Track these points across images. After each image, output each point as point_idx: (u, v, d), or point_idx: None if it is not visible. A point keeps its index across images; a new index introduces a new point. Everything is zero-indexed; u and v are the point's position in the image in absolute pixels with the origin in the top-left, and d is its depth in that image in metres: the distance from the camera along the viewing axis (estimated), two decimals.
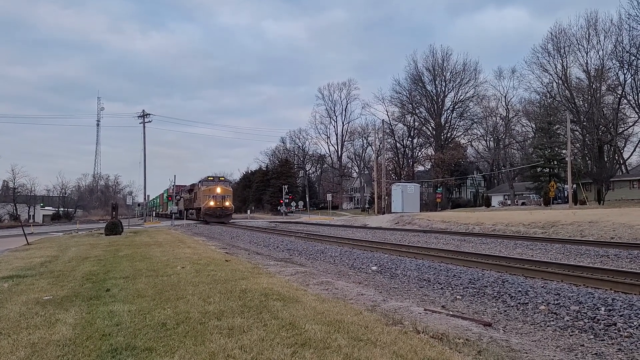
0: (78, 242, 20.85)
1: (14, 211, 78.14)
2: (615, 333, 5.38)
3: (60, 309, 6.28)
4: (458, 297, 7.78)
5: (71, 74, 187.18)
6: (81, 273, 9.81)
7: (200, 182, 46.93)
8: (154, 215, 76.32)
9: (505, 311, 6.72)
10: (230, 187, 47.66)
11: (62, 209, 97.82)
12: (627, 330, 5.41)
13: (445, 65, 76.16)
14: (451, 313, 6.28)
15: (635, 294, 7.00)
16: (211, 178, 46.34)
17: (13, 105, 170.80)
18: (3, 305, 6.70)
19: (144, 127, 56.24)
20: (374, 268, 11.15)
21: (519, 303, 6.98)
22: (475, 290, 8.06)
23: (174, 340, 4.64)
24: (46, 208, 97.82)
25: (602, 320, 5.79)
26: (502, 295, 7.50)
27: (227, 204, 43.91)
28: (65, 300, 6.90)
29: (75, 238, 24.73)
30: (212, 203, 42.95)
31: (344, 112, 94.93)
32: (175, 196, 62.78)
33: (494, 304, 7.13)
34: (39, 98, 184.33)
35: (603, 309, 6.18)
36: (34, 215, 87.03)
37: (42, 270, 10.64)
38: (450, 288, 8.43)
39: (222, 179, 47.60)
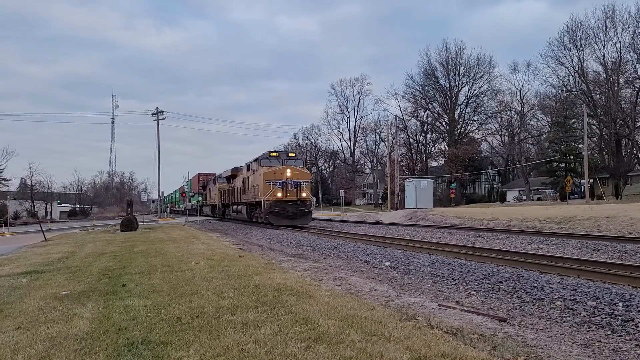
0: (94, 238, 21.12)
1: (32, 208, 79.41)
2: (633, 329, 5.31)
3: (78, 303, 6.37)
4: (472, 292, 7.74)
5: (85, 71, 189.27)
6: (97, 269, 9.94)
7: (255, 161, 28.62)
8: (168, 211, 76.92)
9: (521, 307, 6.66)
10: (306, 168, 30.14)
11: (78, 206, 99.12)
12: None
13: (458, 59, 75.50)
14: (465, 308, 6.24)
15: None
16: (274, 154, 28.71)
17: (29, 102, 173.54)
18: (22, 300, 6.82)
19: (158, 124, 56.62)
20: (388, 264, 11.13)
21: (534, 299, 6.92)
22: (490, 285, 8.00)
23: (188, 335, 4.69)
24: (63, 205, 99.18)
25: (620, 316, 5.72)
26: (518, 290, 7.44)
27: (304, 195, 26.09)
28: (82, 295, 7.00)
29: (92, 234, 25.04)
30: (279, 194, 25.58)
31: (356, 107, 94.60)
32: (200, 188, 52.53)
33: (509, 300, 7.08)
34: (54, 95, 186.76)
35: (621, 304, 6.09)
36: (51, 212, 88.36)
37: (60, 265, 10.80)
38: (464, 284, 8.38)
39: (293, 155, 29.59)
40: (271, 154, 27.90)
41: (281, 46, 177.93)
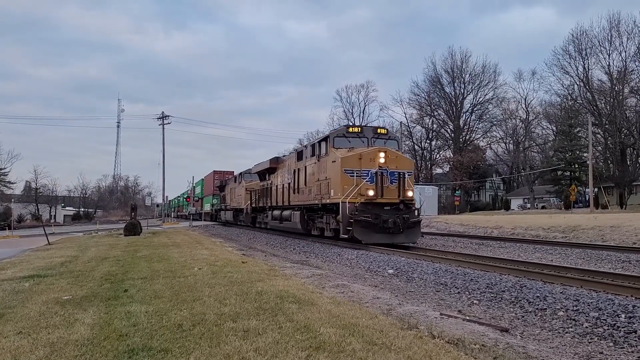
0: (97, 242, 21.17)
1: (36, 211, 79.74)
2: (635, 341, 5.27)
3: (79, 309, 6.39)
4: (475, 301, 7.70)
5: (94, 74, 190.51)
6: (100, 273, 9.96)
7: (324, 141, 18.46)
8: (172, 216, 77.05)
9: (523, 317, 6.63)
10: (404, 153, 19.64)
11: (82, 209, 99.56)
12: None
13: (464, 67, 75.50)
14: (468, 318, 6.22)
15: None
16: (355, 129, 18.29)
17: (36, 105, 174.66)
18: (24, 304, 6.84)
19: (163, 128, 56.89)
20: (391, 271, 11.10)
21: (537, 309, 6.88)
22: (492, 295, 7.97)
23: (189, 342, 4.69)
24: (67, 208, 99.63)
25: (622, 327, 5.68)
26: (520, 300, 7.40)
27: (409, 194, 16.61)
28: (84, 300, 7.01)
29: (95, 238, 25.11)
30: (370, 192, 16.04)
31: (361, 114, 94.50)
32: (216, 189, 44.47)
33: (512, 309, 7.04)
34: (61, 98, 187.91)
35: (623, 315, 6.06)
36: (55, 215, 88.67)
37: (62, 270, 10.83)
38: (467, 292, 8.35)
39: (384, 132, 18.55)
40: (350, 130, 17.58)
41: (289, 51, 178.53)
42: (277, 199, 24.34)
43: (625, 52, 53.64)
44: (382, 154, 16.16)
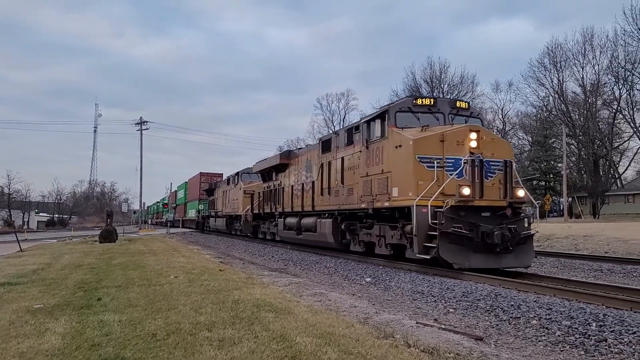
0: (72, 249, 20.76)
1: (8, 217, 77.85)
2: (605, 349, 5.38)
3: (51, 317, 6.26)
4: (451, 310, 7.77)
5: (71, 78, 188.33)
6: (73, 281, 9.78)
7: (378, 117, 12.90)
8: (149, 222, 76.05)
9: (497, 325, 6.71)
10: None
11: (57, 216, 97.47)
12: (617, 346, 5.41)
13: (442, 77, 76.53)
14: (443, 326, 6.27)
15: (626, 310, 7.00)
16: (425, 101, 12.55)
17: (11, 108, 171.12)
18: None
19: (141, 134, 56.16)
20: (368, 279, 11.13)
21: (511, 317, 6.98)
22: (468, 303, 8.05)
23: (163, 352, 4.63)
24: (41, 214, 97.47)
25: (593, 336, 5.79)
26: (495, 309, 7.49)
27: (520, 193, 11.31)
28: (56, 308, 6.87)
29: (69, 245, 24.62)
30: (465, 190, 10.55)
31: (342, 122, 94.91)
32: (203, 193, 40.16)
33: (487, 318, 7.12)
34: (37, 102, 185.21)
35: (594, 324, 6.18)
36: (28, 222, 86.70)
37: (34, 277, 10.59)
38: (443, 301, 8.42)
39: (464, 106, 12.86)
40: (418, 102, 12.54)
41: (271, 58, 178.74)
42: (293, 202, 19.59)
43: (598, 65, 54.99)
44: (473, 135, 11.17)
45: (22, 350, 4.76)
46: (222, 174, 40.67)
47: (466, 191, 10.62)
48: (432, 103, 12.61)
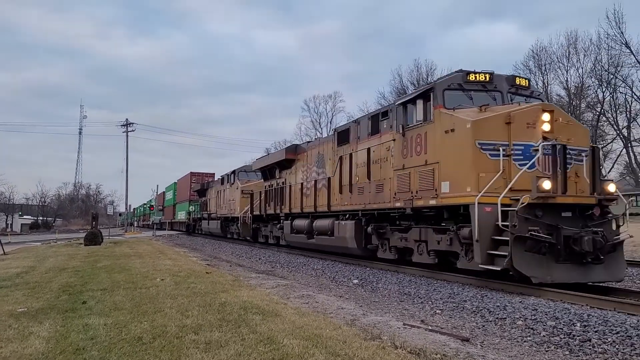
0: (56, 252, 20.51)
1: None
2: (589, 349, 5.45)
3: (35, 321, 6.18)
4: (438, 311, 7.81)
5: (55, 79, 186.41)
6: (58, 284, 9.66)
7: (421, 97, 10.87)
8: (135, 225, 75.40)
9: (484, 326, 6.76)
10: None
11: (41, 218, 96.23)
12: (601, 346, 5.48)
13: (429, 79, 77.04)
14: (430, 328, 6.30)
15: (610, 310, 7.09)
16: (482, 77, 10.52)
17: None
18: None
19: (127, 136, 55.77)
20: (356, 281, 11.15)
21: (497, 318, 7.03)
22: (454, 304, 8.10)
23: (149, 355, 4.59)
24: (25, 217, 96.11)
25: (578, 336, 5.86)
26: (481, 310, 7.55)
27: (609, 187, 9.17)
28: (40, 312, 6.79)
29: (54, 248, 24.33)
30: (546, 184, 8.46)
31: (329, 124, 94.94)
32: (194, 193, 38.17)
33: (473, 319, 7.17)
34: (21, 103, 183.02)
35: (579, 324, 6.25)
36: (11, 224, 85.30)
37: (18, 281, 10.45)
38: (430, 302, 8.46)
39: (524, 84, 10.98)
40: (469, 78, 10.57)
41: (258, 61, 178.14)
42: (302, 202, 17.66)
43: (582, 68, 55.75)
44: (546, 116, 9.27)
45: (5, 354, 4.69)
46: (214, 173, 39.03)
47: (547, 185, 8.47)
48: (487, 79, 10.64)
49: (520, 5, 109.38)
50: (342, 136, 15.04)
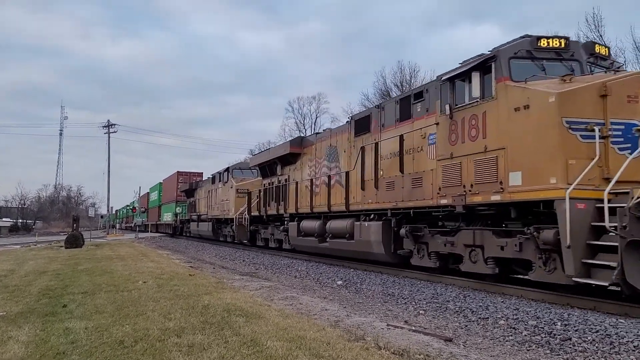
0: (36, 255, 20.19)
1: None
2: (570, 348, 5.53)
3: (14, 325, 6.07)
4: (421, 312, 7.86)
5: (35, 79, 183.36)
6: (38, 288, 9.51)
7: (477, 68, 9.06)
8: (117, 227, 74.52)
9: (466, 326, 6.82)
10: None
11: (20, 221, 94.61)
12: (581, 345, 5.56)
13: (412, 81, 77.55)
14: (413, 328, 6.33)
15: (590, 310, 7.21)
16: (556, 43, 8.79)
17: None
18: None
19: (109, 137, 55.05)
20: (340, 282, 11.17)
21: (479, 318, 7.10)
22: (438, 305, 8.16)
23: (131, 359, 4.54)
24: (3, 219, 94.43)
25: (558, 335, 5.94)
26: (464, 310, 7.61)
27: None
28: (20, 316, 6.67)
29: (34, 251, 23.94)
30: None
31: (313, 125, 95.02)
32: (182, 194, 36.75)
33: (456, 319, 7.23)
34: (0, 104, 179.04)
35: (559, 324, 6.34)
36: None
37: None
38: (413, 303, 8.51)
39: (604, 52, 9.24)
40: (540, 43, 8.77)
41: (243, 62, 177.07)
42: (312, 201, 15.88)
43: None
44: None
45: None
46: (202, 172, 37.75)
47: None
48: (562, 45, 8.79)
49: (502, 7, 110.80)
50: (361, 124, 13.29)
